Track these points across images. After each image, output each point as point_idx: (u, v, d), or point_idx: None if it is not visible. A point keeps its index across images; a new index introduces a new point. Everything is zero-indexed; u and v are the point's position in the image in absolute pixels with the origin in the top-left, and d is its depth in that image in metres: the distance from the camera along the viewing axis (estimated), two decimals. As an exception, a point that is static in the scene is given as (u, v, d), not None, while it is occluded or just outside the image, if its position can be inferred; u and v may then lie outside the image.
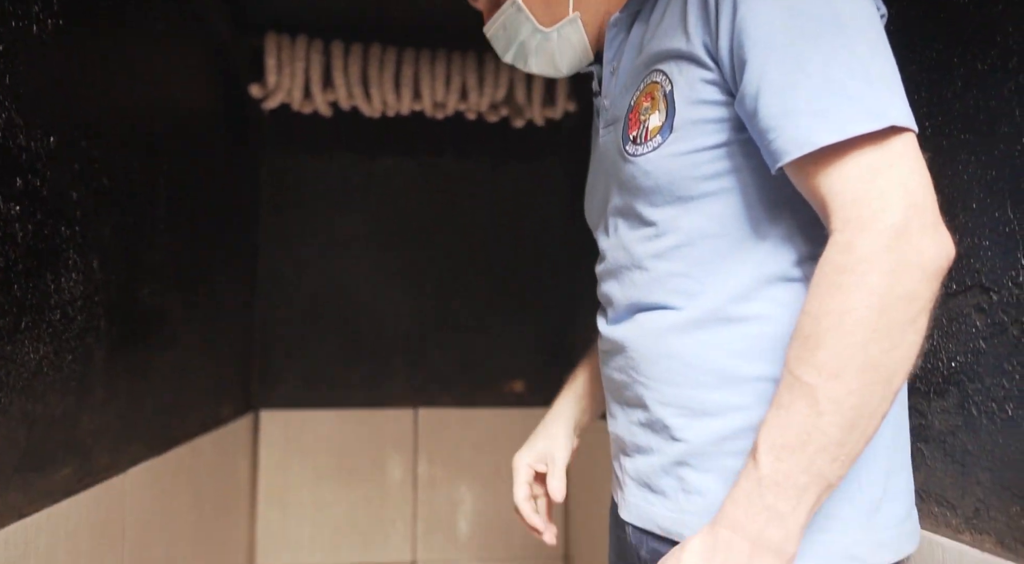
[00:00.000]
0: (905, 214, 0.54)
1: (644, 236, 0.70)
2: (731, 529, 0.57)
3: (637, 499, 0.73)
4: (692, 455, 0.67)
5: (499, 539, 2.11)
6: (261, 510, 2.02)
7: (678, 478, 0.68)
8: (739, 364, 0.65)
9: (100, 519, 0.97)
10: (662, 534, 0.70)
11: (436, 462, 2.11)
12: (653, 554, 0.72)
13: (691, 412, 0.67)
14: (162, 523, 1.24)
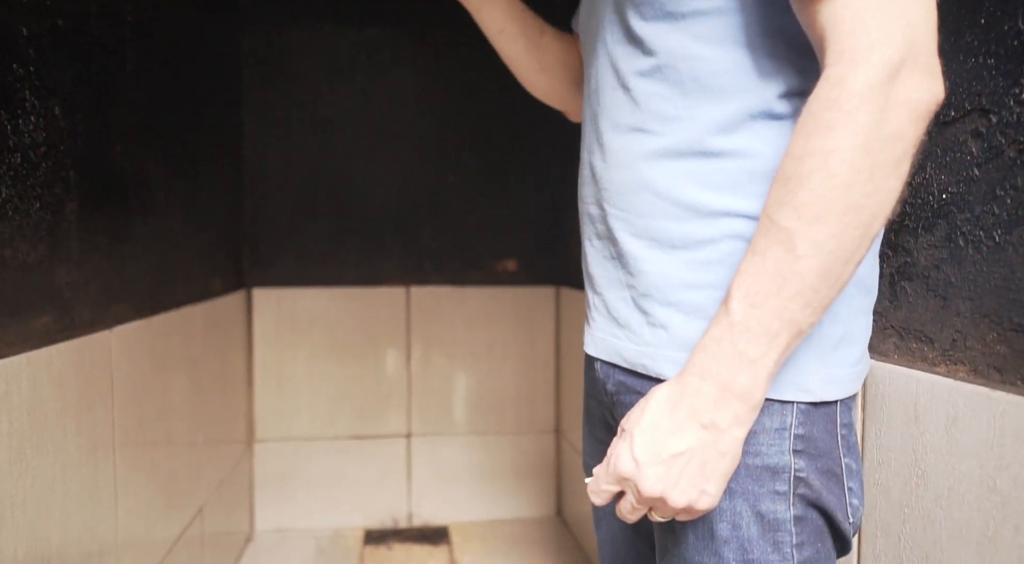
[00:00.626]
0: (902, 52, 0.51)
1: (630, 53, 0.67)
2: (700, 376, 0.57)
3: (604, 333, 0.74)
4: (656, 288, 0.67)
5: (492, 413, 2.17)
6: (258, 385, 2.06)
7: (642, 312, 0.68)
8: (712, 198, 0.63)
9: (86, 371, 0.98)
10: (626, 366, 0.70)
11: (429, 339, 2.14)
12: (619, 386, 0.72)
13: (658, 244, 0.66)
14: (155, 387, 1.26)
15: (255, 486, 2.07)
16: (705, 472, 0.57)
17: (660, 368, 0.66)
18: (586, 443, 0.89)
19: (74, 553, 0.94)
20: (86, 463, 0.98)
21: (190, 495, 1.46)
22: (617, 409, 0.74)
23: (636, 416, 0.60)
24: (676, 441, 0.57)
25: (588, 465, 0.88)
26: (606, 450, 0.83)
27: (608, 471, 0.60)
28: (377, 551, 2.00)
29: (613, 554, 0.87)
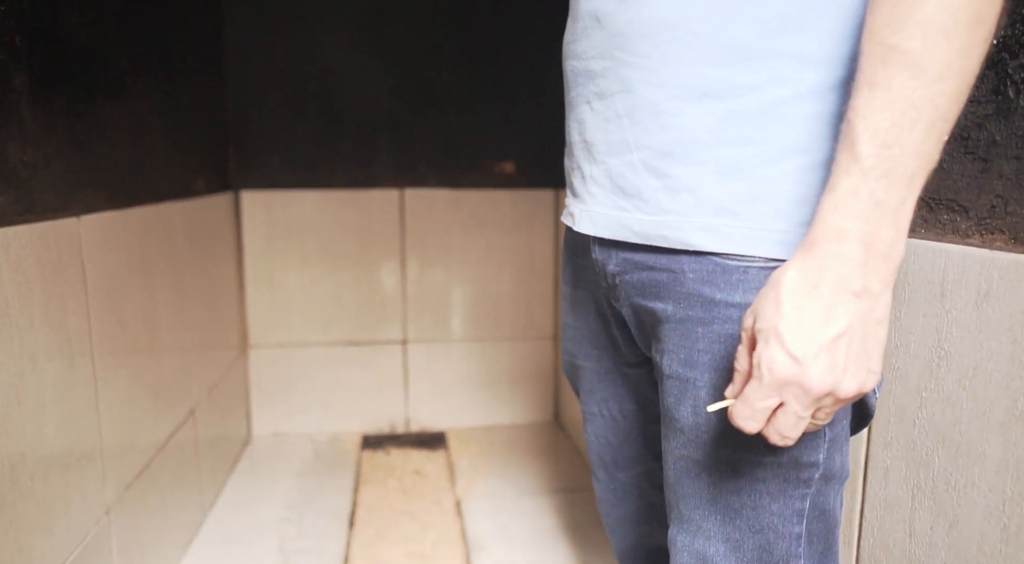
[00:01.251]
0: None
1: None
2: (837, 239, 0.48)
3: (606, 208, 0.65)
4: (682, 145, 0.58)
5: (489, 320, 2.13)
6: (250, 291, 2.01)
7: (661, 175, 0.60)
8: (763, 37, 0.54)
9: (52, 259, 0.92)
10: (637, 241, 0.62)
11: (425, 244, 2.08)
12: (623, 265, 0.65)
13: (688, 93, 0.57)
14: (135, 285, 1.20)
15: (251, 391, 2.05)
16: (867, 347, 0.49)
17: (688, 238, 0.59)
18: (569, 342, 0.83)
19: (53, 446, 0.90)
20: (59, 356, 0.93)
21: (179, 397, 1.43)
22: (619, 291, 0.67)
23: (770, 310, 0.50)
24: (833, 321, 0.49)
25: (574, 364, 0.83)
26: (605, 342, 0.78)
27: (763, 384, 0.49)
28: (375, 455, 2.01)
29: (602, 451, 0.83)
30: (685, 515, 0.63)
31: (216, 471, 1.68)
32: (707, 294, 0.59)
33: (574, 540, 1.47)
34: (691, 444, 0.61)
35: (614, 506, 0.83)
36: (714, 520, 0.61)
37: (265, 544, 1.45)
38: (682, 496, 0.63)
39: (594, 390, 0.80)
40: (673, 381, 0.62)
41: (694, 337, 0.60)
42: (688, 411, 0.61)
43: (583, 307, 0.77)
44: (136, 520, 1.17)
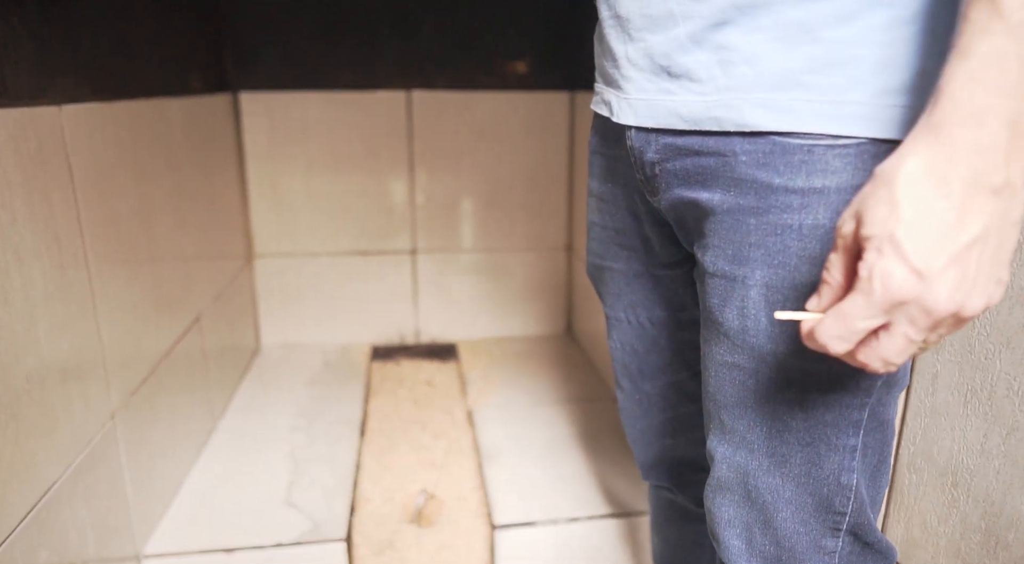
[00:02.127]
0: None
1: None
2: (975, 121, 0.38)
3: (648, 93, 0.57)
4: (740, 9, 0.50)
5: (501, 229, 2.07)
6: (253, 199, 1.94)
7: (715, 47, 0.51)
8: None
9: (31, 149, 0.85)
10: (685, 127, 0.55)
11: (434, 149, 1.98)
12: (665, 152, 0.58)
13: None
14: (129, 185, 1.14)
15: (258, 301, 2.02)
16: (1001, 254, 0.41)
17: (744, 117, 0.51)
18: (595, 242, 0.76)
19: (48, 349, 0.86)
20: (48, 256, 0.88)
21: (183, 305, 1.39)
22: (658, 182, 0.60)
23: (883, 213, 0.40)
24: (966, 225, 0.39)
25: (600, 266, 0.76)
26: (635, 242, 0.71)
27: (872, 301, 0.40)
28: (385, 366, 1.99)
29: (627, 360, 0.78)
30: (727, 425, 0.58)
31: (225, 380, 1.66)
32: (762, 179, 0.51)
33: (588, 449, 1.46)
34: (737, 350, 0.55)
35: (638, 417, 0.79)
36: (759, 432, 0.56)
37: (276, 451, 1.44)
38: (724, 406, 0.58)
39: (621, 294, 0.74)
40: (718, 280, 0.55)
41: (745, 229, 0.53)
42: (734, 313, 0.55)
43: (612, 204, 0.70)
44: (144, 426, 1.15)
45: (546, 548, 1.22)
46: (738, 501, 0.58)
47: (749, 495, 0.57)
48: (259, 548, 1.13)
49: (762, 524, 0.57)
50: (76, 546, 0.91)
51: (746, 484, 0.57)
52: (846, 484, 0.54)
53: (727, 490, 0.58)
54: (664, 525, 0.88)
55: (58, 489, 0.87)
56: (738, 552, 0.58)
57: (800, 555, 0.56)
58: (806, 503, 0.55)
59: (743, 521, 0.58)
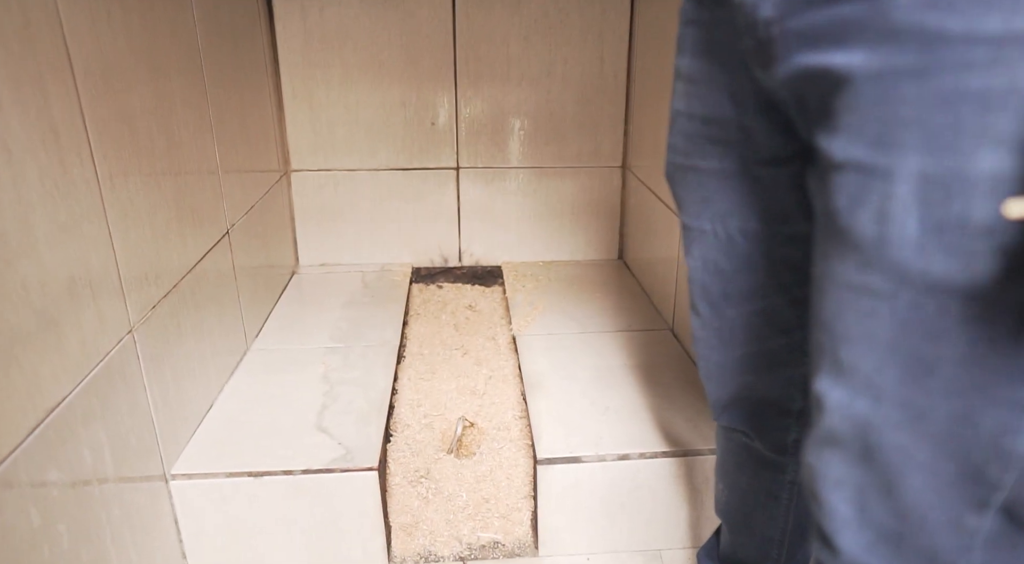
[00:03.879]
0: None
1: None
2: None
3: None
4: None
5: (550, 145, 1.92)
6: (288, 109, 1.83)
7: None
8: None
9: (16, 23, 0.74)
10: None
11: (479, 57, 1.82)
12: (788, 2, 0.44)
13: None
14: (144, 79, 1.03)
15: (296, 219, 1.93)
16: None
17: None
18: (680, 138, 0.62)
19: (48, 252, 0.78)
20: (44, 150, 0.78)
21: (211, 217, 1.30)
22: (775, 47, 0.47)
23: None
24: None
25: (683, 166, 0.63)
26: (733, 132, 0.57)
27: None
28: (426, 289, 1.90)
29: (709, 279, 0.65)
30: (846, 364, 0.45)
31: (260, 300, 1.60)
32: (931, 25, 0.37)
33: (640, 381, 1.35)
34: (870, 266, 0.42)
35: (715, 349, 0.67)
36: (890, 375, 0.43)
37: (310, 373, 1.38)
38: (844, 339, 0.44)
39: (708, 199, 0.61)
40: (850, 174, 0.42)
41: (897, 101, 0.39)
42: (870, 217, 0.41)
43: (705, 85, 0.56)
44: (168, 343, 1.08)
45: (592, 486, 1.13)
46: (852, 459, 0.46)
47: (869, 453, 0.45)
48: (288, 473, 1.07)
49: (882, 490, 0.45)
50: (92, 465, 0.85)
51: (866, 439, 0.44)
52: (1008, 449, 0.41)
53: (839, 444, 0.46)
54: (734, 471, 0.77)
55: (67, 406, 0.80)
56: (844, 520, 0.46)
57: (929, 532, 0.44)
58: (946, 469, 0.43)
59: (856, 484, 0.46)
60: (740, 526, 0.81)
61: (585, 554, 1.17)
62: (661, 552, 1.18)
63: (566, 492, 1.14)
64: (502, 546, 1.18)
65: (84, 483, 0.83)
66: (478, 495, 1.21)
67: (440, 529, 1.18)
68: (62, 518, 0.78)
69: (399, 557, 1.16)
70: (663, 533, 1.17)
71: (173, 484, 1.07)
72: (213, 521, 1.09)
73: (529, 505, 1.20)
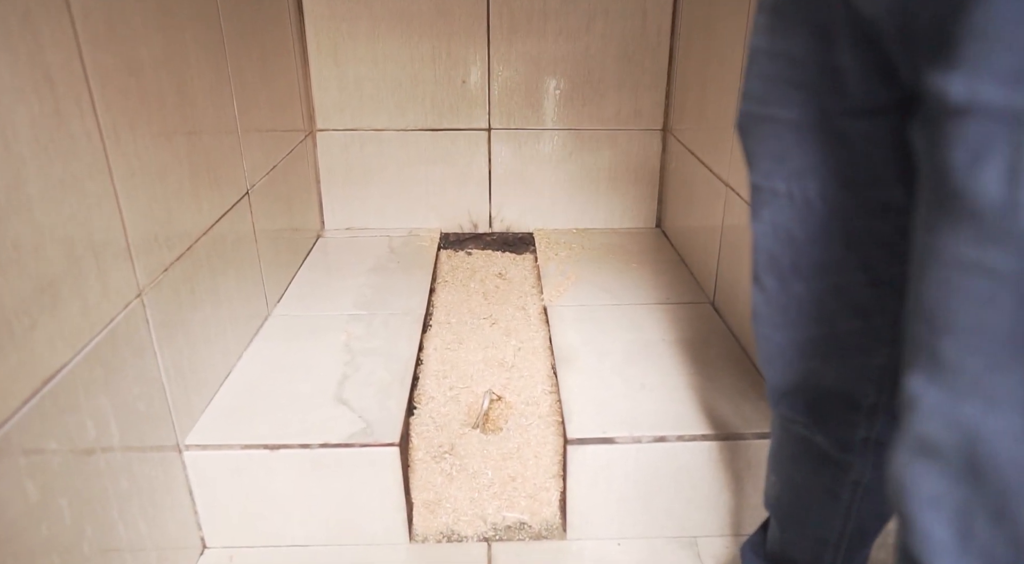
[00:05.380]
0: None
1: None
2: None
3: None
4: None
5: (588, 105, 1.81)
6: (313, 66, 1.75)
7: None
8: None
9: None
10: None
11: (513, 9, 1.72)
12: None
13: None
14: (152, 26, 0.96)
15: (321, 181, 1.87)
16: None
17: None
18: (757, 81, 0.53)
19: (41, 206, 0.72)
20: (35, 94, 0.72)
21: (228, 177, 1.24)
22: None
23: None
24: None
25: (756, 116, 0.54)
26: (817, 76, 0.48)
27: None
28: (455, 255, 1.83)
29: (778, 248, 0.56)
30: (949, 360, 0.36)
31: (283, 264, 1.54)
32: None
33: (679, 358, 1.27)
34: (992, 240, 0.33)
35: (780, 328, 0.58)
36: (1009, 375, 0.34)
37: (331, 341, 1.32)
38: (948, 329, 0.36)
39: (785, 156, 0.52)
40: (973, 120, 0.33)
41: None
42: (998, 176, 0.32)
43: (791, 17, 0.48)
44: (181, 309, 1.03)
45: (625, 468, 1.06)
46: (955, 474, 0.37)
47: (977, 468, 0.36)
48: (305, 447, 1.02)
49: (992, 513, 0.37)
50: (95, 435, 0.81)
51: (973, 451, 0.36)
52: None
53: (936, 455, 0.38)
54: (789, 465, 0.69)
55: (67, 375, 0.75)
56: (943, 545, 0.38)
57: None
58: None
59: (959, 503, 0.38)
60: (792, 523, 0.73)
61: (616, 539, 1.11)
62: (697, 539, 1.11)
63: (598, 474, 1.07)
64: (528, 527, 1.12)
65: (87, 453, 0.79)
66: (504, 473, 1.15)
67: (464, 507, 1.13)
68: (63, 492, 0.74)
69: (421, 535, 1.11)
70: (700, 520, 1.10)
71: (187, 454, 1.02)
72: (229, 493, 1.05)
73: (558, 485, 1.14)
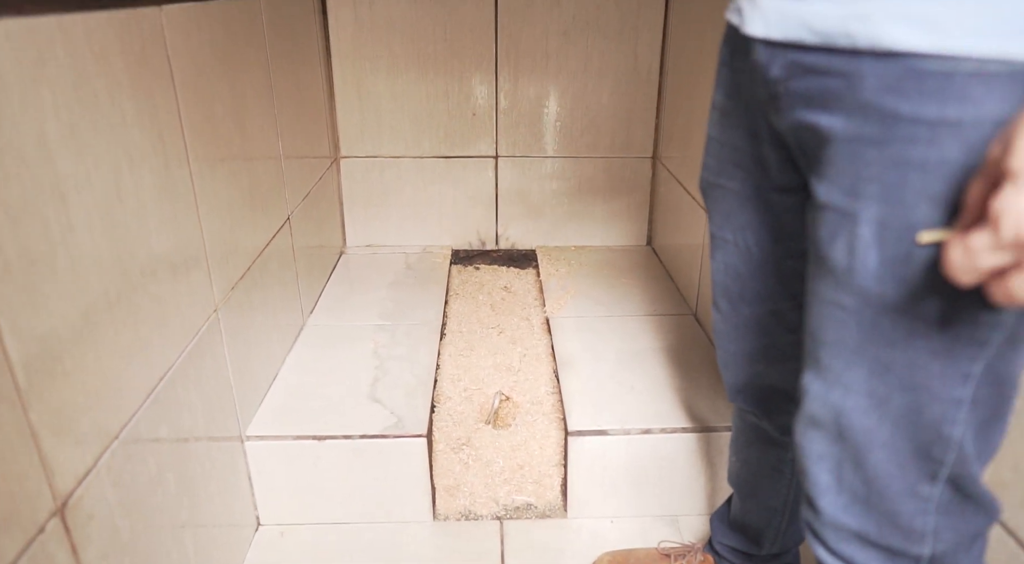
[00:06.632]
0: None
1: None
2: None
3: (781, 1, 0.53)
4: None
5: (585, 135, 2.01)
6: (339, 98, 1.95)
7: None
8: None
9: (136, 50, 0.87)
10: (813, 41, 0.51)
11: (519, 51, 1.92)
12: (790, 69, 0.54)
13: None
14: (223, 85, 1.15)
15: (344, 202, 2.06)
16: None
17: (882, 32, 0.46)
18: (711, 158, 0.73)
19: (158, 246, 0.91)
20: (154, 155, 0.91)
21: (276, 204, 1.43)
22: (781, 102, 0.57)
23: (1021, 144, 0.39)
24: None
25: (712, 183, 0.73)
26: (751, 162, 0.68)
27: (999, 239, 0.39)
28: (464, 270, 2.02)
29: (728, 282, 0.76)
30: (824, 363, 0.56)
31: (314, 279, 1.73)
32: (889, 106, 0.47)
33: (664, 363, 1.47)
34: (841, 288, 0.53)
35: (731, 340, 0.78)
36: (858, 372, 0.54)
37: (361, 348, 1.51)
38: (823, 343, 0.56)
39: (731, 214, 0.72)
40: (829, 213, 0.53)
41: (863, 161, 0.50)
42: (842, 250, 0.52)
43: (734, 120, 0.67)
44: (243, 319, 1.22)
45: (617, 457, 1.25)
46: (830, 438, 0.57)
47: (842, 433, 0.56)
48: (348, 438, 1.21)
49: (853, 462, 0.56)
50: (189, 424, 0.99)
51: (839, 422, 0.56)
52: (947, 435, 0.53)
53: (819, 426, 0.58)
54: (745, 447, 0.89)
55: (173, 373, 0.94)
56: (826, 487, 0.58)
57: (892, 497, 0.56)
58: (903, 447, 0.54)
59: (833, 457, 0.57)
60: (748, 495, 0.93)
61: (610, 517, 1.30)
62: (678, 517, 1.30)
63: (594, 461, 1.26)
64: (535, 508, 1.31)
65: (184, 440, 0.98)
66: (513, 462, 1.34)
67: (479, 491, 1.32)
68: (170, 469, 0.93)
69: (443, 515, 1.30)
70: (681, 501, 1.29)
71: (248, 444, 1.21)
72: (281, 478, 1.24)
73: (560, 472, 1.33)
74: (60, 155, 0.71)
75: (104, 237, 0.79)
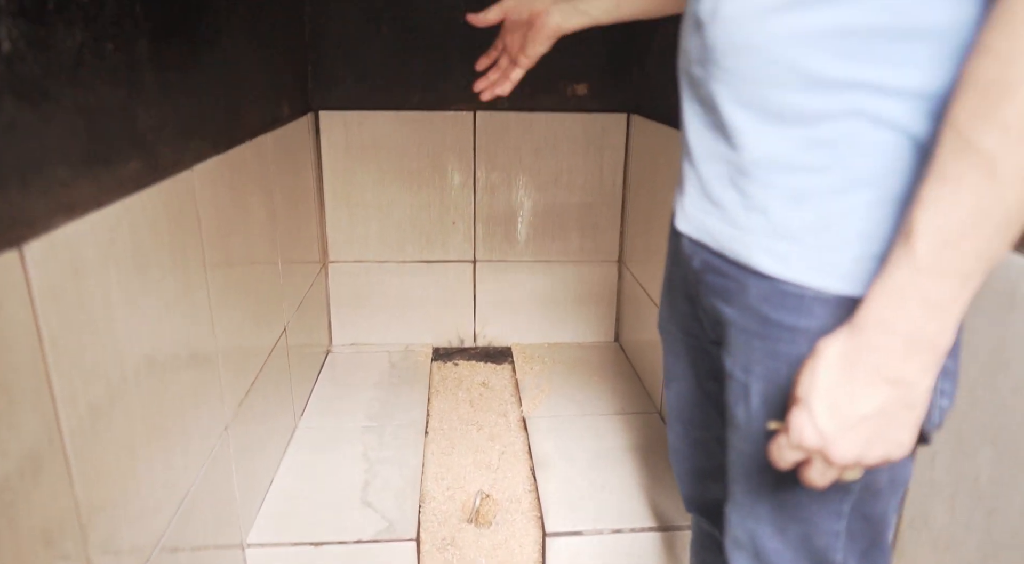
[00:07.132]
0: None
1: None
2: (880, 331, 0.50)
3: (696, 209, 0.69)
4: (758, 166, 0.60)
5: (556, 241, 2.20)
6: (329, 211, 2.11)
7: (740, 191, 0.62)
8: (839, 65, 0.53)
9: (175, 212, 1.02)
10: (716, 248, 0.67)
11: (495, 166, 2.12)
12: (705, 266, 0.70)
13: (766, 115, 0.58)
14: (236, 218, 1.30)
15: (331, 304, 2.20)
16: (897, 425, 0.52)
17: (753, 258, 0.62)
18: (664, 307, 0.89)
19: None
20: (184, 301, 1.05)
21: (275, 315, 1.56)
22: (702, 288, 0.73)
23: (807, 381, 0.53)
24: (862, 403, 0.51)
25: (665, 328, 0.89)
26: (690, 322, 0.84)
27: (792, 443, 0.54)
28: (445, 367, 2.15)
29: (679, 410, 0.91)
30: (738, 497, 0.71)
31: (304, 380, 1.85)
32: (765, 312, 0.63)
33: (632, 462, 1.60)
34: (744, 439, 0.68)
35: (686, 458, 0.92)
36: (763, 506, 0.69)
37: (351, 451, 1.62)
38: (736, 480, 0.71)
39: (679, 356, 0.87)
40: (733, 382, 0.68)
41: (751, 348, 0.65)
42: (742, 411, 0.68)
43: (676, 286, 0.83)
44: (247, 431, 1.33)
45: (591, 556, 1.37)
46: (749, 556, 0.71)
47: (758, 554, 0.70)
48: (343, 543, 1.31)
49: None
50: (202, 536, 1.10)
51: (755, 544, 0.70)
52: (832, 560, 0.67)
53: (741, 547, 0.72)
54: (701, 551, 1.02)
55: (192, 492, 1.05)
56: None
57: None
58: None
59: None
60: (705, 594, 1.05)
61: (584, 612, 1.40)
62: (647, 611, 1.41)
63: (570, 560, 1.38)
64: (515, 604, 1.41)
65: (200, 549, 1.08)
66: (495, 561, 1.45)
67: (463, 589, 1.41)
68: (187, 581, 1.03)
69: (429, 612, 1.39)
70: (649, 595, 1.41)
71: (249, 551, 1.30)
72: (278, 580, 1.32)
73: (537, 569, 1.43)
74: (118, 315, 0.85)
75: (147, 385, 0.92)
